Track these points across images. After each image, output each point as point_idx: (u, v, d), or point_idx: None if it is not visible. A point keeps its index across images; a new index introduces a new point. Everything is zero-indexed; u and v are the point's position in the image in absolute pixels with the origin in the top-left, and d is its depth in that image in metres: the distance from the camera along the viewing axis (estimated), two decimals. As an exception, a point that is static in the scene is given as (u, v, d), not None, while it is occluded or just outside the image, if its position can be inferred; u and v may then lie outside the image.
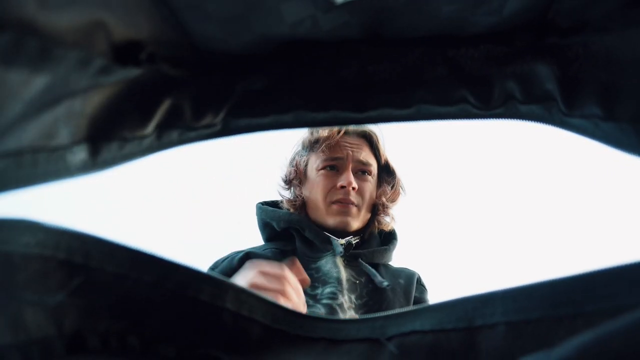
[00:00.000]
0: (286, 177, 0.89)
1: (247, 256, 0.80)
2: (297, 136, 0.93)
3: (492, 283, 0.31)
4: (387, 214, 0.88)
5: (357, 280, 0.76)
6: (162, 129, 0.36)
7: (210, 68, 0.37)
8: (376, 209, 0.88)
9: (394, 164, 0.91)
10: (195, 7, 0.31)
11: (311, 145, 0.86)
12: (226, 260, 0.82)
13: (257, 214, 0.90)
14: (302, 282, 0.56)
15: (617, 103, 0.32)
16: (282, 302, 0.50)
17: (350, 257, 0.80)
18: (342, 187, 0.80)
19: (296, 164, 0.87)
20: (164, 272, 0.32)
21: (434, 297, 0.92)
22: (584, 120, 0.35)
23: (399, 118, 0.39)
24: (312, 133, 0.87)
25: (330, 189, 0.82)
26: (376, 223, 0.88)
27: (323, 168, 0.83)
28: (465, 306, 0.32)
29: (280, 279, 0.52)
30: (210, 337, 0.33)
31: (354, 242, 0.82)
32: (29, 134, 0.26)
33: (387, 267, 0.87)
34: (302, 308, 0.55)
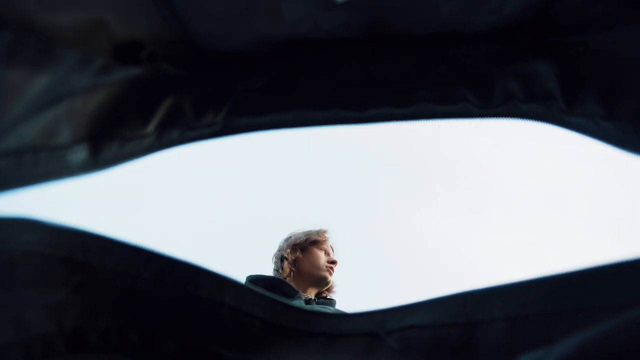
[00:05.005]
0: (295, 243, 1.55)
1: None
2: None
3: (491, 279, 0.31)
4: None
5: None
6: (163, 128, 0.36)
7: (211, 67, 0.38)
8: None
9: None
10: (196, 7, 0.31)
11: (313, 240, 1.56)
12: None
13: (246, 282, 1.34)
14: None
15: (618, 101, 0.32)
16: None
17: (309, 302, 1.39)
18: (333, 262, 1.54)
19: (302, 243, 1.54)
20: (163, 268, 0.32)
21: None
22: (585, 119, 0.35)
23: (400, 117, 0.39)
24: (314, 234, 1.58)
25: (325, 262, 1.55)
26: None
27: (322, 250, 1.55)
28: (464, 301, 0.32)
29: None
30: (210, 332, 0.33)
31: (313, 296, 1.48)
32: (30, 133, 0.26)
33: None
34: None
